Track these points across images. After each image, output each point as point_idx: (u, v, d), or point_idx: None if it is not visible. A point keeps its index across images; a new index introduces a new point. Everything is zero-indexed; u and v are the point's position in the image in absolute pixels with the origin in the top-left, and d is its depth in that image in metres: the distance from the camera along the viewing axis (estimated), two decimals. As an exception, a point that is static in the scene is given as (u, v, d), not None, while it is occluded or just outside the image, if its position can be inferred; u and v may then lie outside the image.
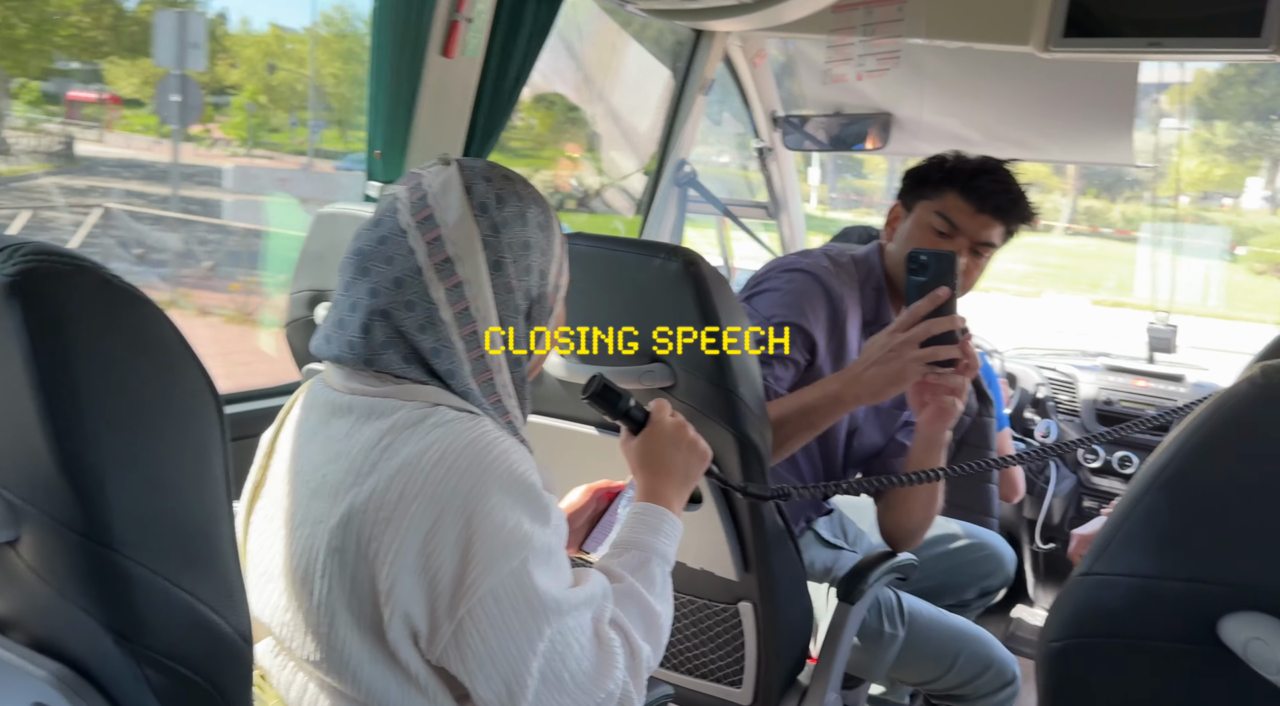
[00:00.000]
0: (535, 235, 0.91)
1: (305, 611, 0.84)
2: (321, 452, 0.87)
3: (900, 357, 1.35)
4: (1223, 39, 1.88)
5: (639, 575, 0.99)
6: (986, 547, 1.98)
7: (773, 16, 1.96)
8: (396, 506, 0.79)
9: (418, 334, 0.86)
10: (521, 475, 0.84)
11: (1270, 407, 0.62)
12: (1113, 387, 2.66)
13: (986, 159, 1.61)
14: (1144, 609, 0.66)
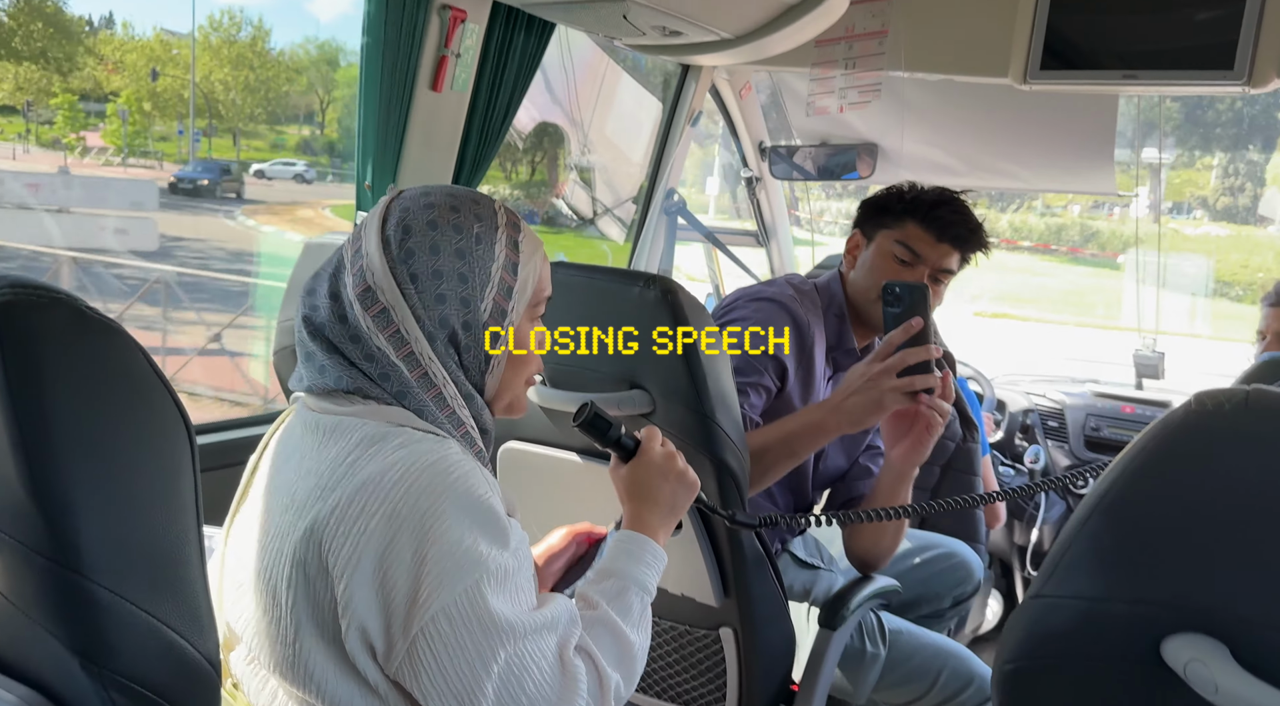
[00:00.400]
0: (449, 263, 0.91)
1: (273, 621, 0.86)
2: (295, 469, 0.89)
3: (878, 386, 1.39)
4: (1196, 71, 1.92)
5: (615, 603, 0.99)
6: (955, 556, 2.01)
7: (757, 51, 2.00)
8: (356, 521, 0.81)
9: (365, 362, 0.90)
10: (480, 497, 0.85)
11: (1205, 434, 0.64)
12: (1100, 414, 2.68)
13: (943, 190, 1.68)
14: (1091, 630, 0.67)
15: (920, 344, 1.39)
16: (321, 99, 10.35)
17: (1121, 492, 0.66)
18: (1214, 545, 0.63)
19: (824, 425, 1.44)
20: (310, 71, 10.11)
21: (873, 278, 1.67)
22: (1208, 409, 0.63)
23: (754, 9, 1.77)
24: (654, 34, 1.82)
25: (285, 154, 10.01)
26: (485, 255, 0.93)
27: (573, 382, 1.45)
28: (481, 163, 2.03)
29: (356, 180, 1.95)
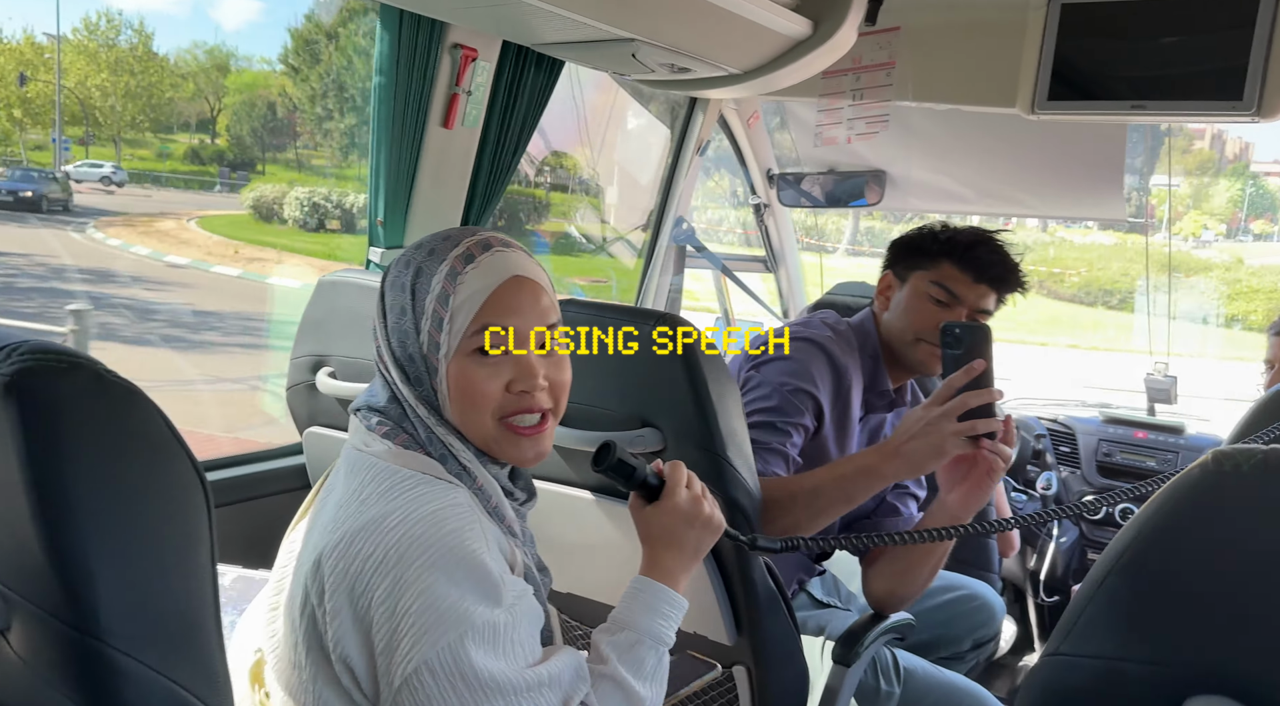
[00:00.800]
0: (398, 298, 0.96)
1: (289, 645, 0.90)
2: (322, 500, 0.95)
3: (939, 431, 1.34)
4: (1205, 102, 1.92)
5: (626, 658, 0.98)
6: (977, 598, 1.99)
7: (766, 85, 2.01)
8: (352, 561, 0.84)
9: (380, 391, 0.99)
10: (471, 552, 0.85)
11: (1222, 495, 0.63)
12: (1112, 439, 2.67)
13: (978, 230, 1.65)
14: (1109, 690, 0.67)
15: (982, 386, 1.35)
16: (212, 106, 10.21)
17: (1139, 552, 0.66)
18: (1233, 606, 0.63)
19: (881, 470, 1.39)
20: (199, 77, 9.92)
21: (907, 319, 1.65)
22: (1225, 470, 0.63)
23: (762, 46, 1.78)
24: (662, 71, 1.83)
25: (172, 163, 9.83)
26: (423, 288, 0.94)
27: (582, 420, 1.45)
28: (492, 197, 2.05)
29: (369, 216, 1.97)
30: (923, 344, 1.64)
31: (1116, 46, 1.97)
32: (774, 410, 1.56)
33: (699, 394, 1.33)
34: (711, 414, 1.33)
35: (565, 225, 7.04)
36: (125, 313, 7.32)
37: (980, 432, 1.34)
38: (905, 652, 1.72)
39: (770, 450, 1.53)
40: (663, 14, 1.52)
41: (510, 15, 1.54)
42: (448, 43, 1.79)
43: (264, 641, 0.96)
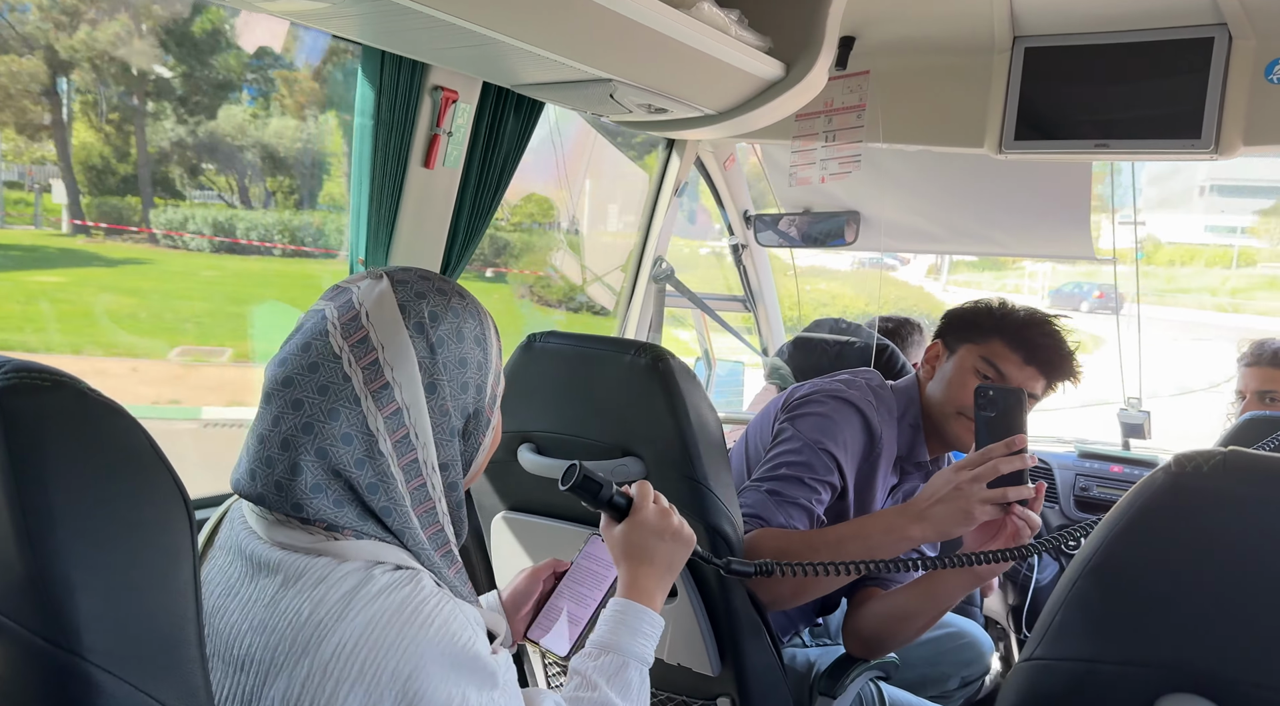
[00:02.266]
0: (471, 350, 0.88)
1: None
2: (244, 617, 0.81)
3: (968, 496, 1.31)
4: (1165, 141, 1.99)
5: (614, 682, 0.98)
6: (965, 636, 1.98)
7: (740, 126, 2.06)
8: (332, 694, 0.75)
9: (354, 469, 0.81)
10: (463, 644, 0.79)
11: (1185, 495, 0.65)
12: (1089, 474, 2.69)
13: (1036, 311, 1.62)
14: (1083, 692, 0.68)
15: (1016, 453, 1.31)
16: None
17: (1106, 555, 0.67)
18: (1199, 605, 0.64)
19: (906, 532, 1.36)
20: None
21: (950, 392, 1.62)
22: (1187, 471, 0.65)
23: (736, 87, 1.83)
24: (640, 112, 1.87)
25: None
26: (489, 341, 0.92)
27: (565, 450, 1.46)
28: (473, 237, 2.07)
29: (349, 255, 1.99)
30: (962, 418, 1.60)
31: (1079, 89, 2.04)
32: (803, 465, 1.54)
33: (679, 423, 1.35)
34: (692, 442, 1.35)
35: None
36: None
37: (1011, 500, 1.30)
38: (891, 687, 1.72)
39: (796, 504, 1.51)
40: (639, 55, 1.57)
41: (489, 56, 1.58)
42: (429, 84, 1.83)
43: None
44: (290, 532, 0.82)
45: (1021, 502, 1.32)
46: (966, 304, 1.69)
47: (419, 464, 0.84)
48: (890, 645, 1.56)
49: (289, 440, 0.81)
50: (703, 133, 2.21)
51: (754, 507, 1.50)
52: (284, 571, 0.80)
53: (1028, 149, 2.09)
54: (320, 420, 0.81)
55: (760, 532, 1.46)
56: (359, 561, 0.80)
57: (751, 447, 1.69)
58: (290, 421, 0.82)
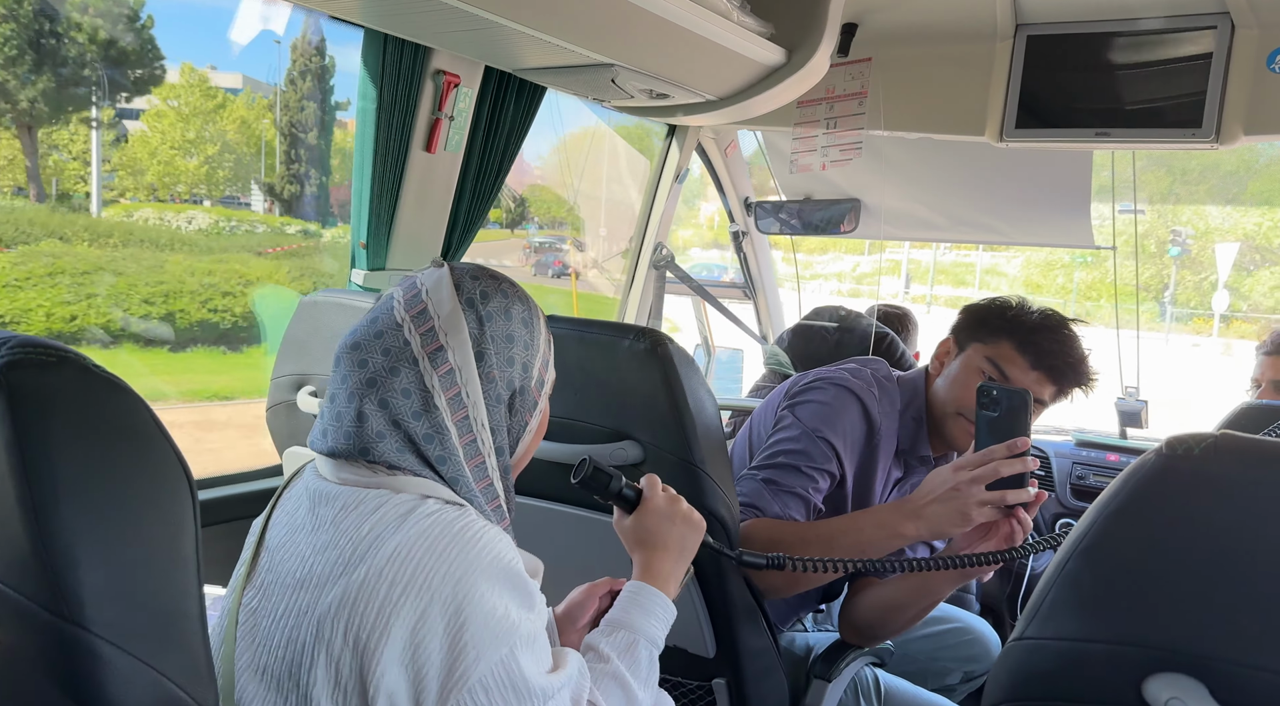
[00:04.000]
0: (519, 329, 0.97)
1: (291, 703, 0.84)
2: (308, 544, 0.88)
3: (965, 498, 1.28)
4: (1166, 130, 1.99)
5: (625, 658, 1.00)
6: (970, 632, 1.97)
7: (742, 112, 2.06)
8: (386, 596, 0.80)
9: (412, 421, 0.89)
10: (507, 563, 0.85)
11: (1176, 477, 0.66)
12: (1085, 462, 2.70)
13: (1051, 315, 1.56)
14: (1073, 671, 0.69)
15: (1017, 455, 1.28)
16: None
17: (1098, 535, 0.68)
18: (1189, 586, 0.65)
19: (900, 530, 1.34)
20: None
21: (954, 391, 1.58)
22: (1178, 453, 0.66)
23: (738, 73, 1.83)
24: (641, 97, 1.88)
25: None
26: (539, 328, 1.00)
27: (564, 435, 1.47)
28: (474, 221, 2.08)
29: (352, 237, 1.99)
30: (960, 419, 1.57)
31: (1081, 77, 2.04)
32: (801, 453, 1.52)
33: (678, 408, 1.35)
34: (690, 427, 1.35)
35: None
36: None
37: (1011, 503, 1.28)
38: (888, 674, 1.72)
39: (792, 494, 1.50)
40: (641, 40, 1.57)
41: (491, 39, 1.58)
42: (430, 68, 1.83)
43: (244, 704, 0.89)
44: (354, 470, 0.90)
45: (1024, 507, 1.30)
46: (984, 300, 1.64)
47: (470, 421, 0.92)
48: (883, 633, 1.56)
49: (354, 393, 0.91)
50: (704, 118, 2.21)
51: (750, 497, 1.50)
52: (344, 499, 0.88)
53: (1028, 137, 2.09)
54: (383, 376, 0.90)
55: (754, 523, 1.46)
56: (414, 494, 0.87)
57: (755, 436, 1.68)
58: (356, 377, 0.91)
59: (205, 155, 6.53)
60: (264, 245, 5.13)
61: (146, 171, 6.25)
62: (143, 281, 6.29)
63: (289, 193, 7.16)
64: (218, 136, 6.57)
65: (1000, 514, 1.29)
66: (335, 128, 7.90)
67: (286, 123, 6.82)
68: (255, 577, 0.93)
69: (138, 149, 6.14)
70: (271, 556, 0.92)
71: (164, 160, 6.21)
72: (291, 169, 7.21)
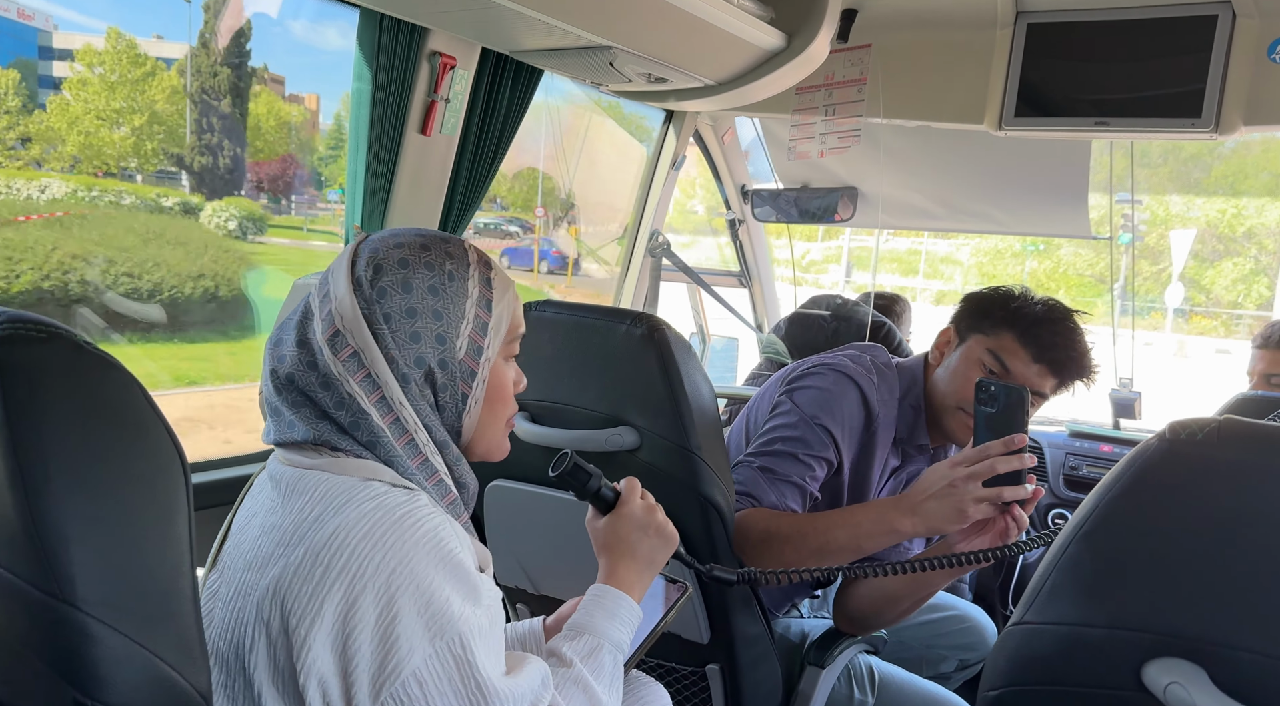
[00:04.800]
0: (423, 301, 0.90)
1: (238, 686, 0.83)
2: (260, 525, 0.87)
3: (961, 494, 1.28)
4: (1165, 119, 1.98)
5: (589, 662, 0.98)
6: (967, 620, 1.97)
7: (740, 97, 2.05)
8: (320, 580, 0.78)
9: (335, 410, 0.88)
10: (450, 551, 0.82)
11: (1179, 462, 0.66)
12: (1079, 453, 2.71)
13: (1055, 307, 1.54)
14: (1071, 656, 0.69)
15: (1015, 452, 1.28)
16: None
17: (1100, 520, 0.68)
18: (1189, 571, 0.65)
19: (897, 526, 1.33)
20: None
21: (954, 384, 1.56)
22: (1181, 438, 0.65)
23: (737, 57, 1.82)
24: (639, 80, 1.86)
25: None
26: (459, 291, 0.92)
27: (559, 419, 1.46)
28: (470, 205, 2.06)
29: (346, 222, 1.98)
30: (960, 413, 1.56)
31: (1081, 66, 2.03)
32: (798, 441, 1.51)
33: (674, 393, 1.35)
34: (686, 412, 1.35)
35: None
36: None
37: (1007, 499, 1.27)
38: (882, 661, 1.72)
39: (789, 482, 1.49)
40: (639, 22, 1.55)
41: (488, 20, 1.57)
42: (426, 50, 1.81)
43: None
44: (303, 453, 0.89)
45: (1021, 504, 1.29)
46: (986, 289, 1.61)
47: (388, 401, 0.89)
48: (876, 624, 1.56)
49: (279, 388, 0.90)
50: (702, 104, 2.20)
51: (746, 484, 1.49)
52: (291, 481, 0.87)
53: (1027, 126, 2.08)
54: (300, 369, 0.89)
55: (750, 512, 1.45)
56: (358, 476, 0.86)
57: (752, 422, 1.67)
58: (278, 371, 0.90)
59: (132, 126, 6.35)
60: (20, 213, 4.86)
61: (66, 141, 6.09)
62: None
63: (199, 165, 6.90)
64: (146, 106, 6.40)
65: (996, 510, 1.29)
66: (261, 97, 7.58)
67: (197, 88, 6.61)
68: (219, 561, 0.92)
69: (55, 118, 5.99)
70: (233, 539, 0.91)
71: (86, 130, 6.04)
72: (203, 139, 6.94)
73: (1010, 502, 1.28)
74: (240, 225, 6.60)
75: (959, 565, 1.24)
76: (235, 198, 6.89)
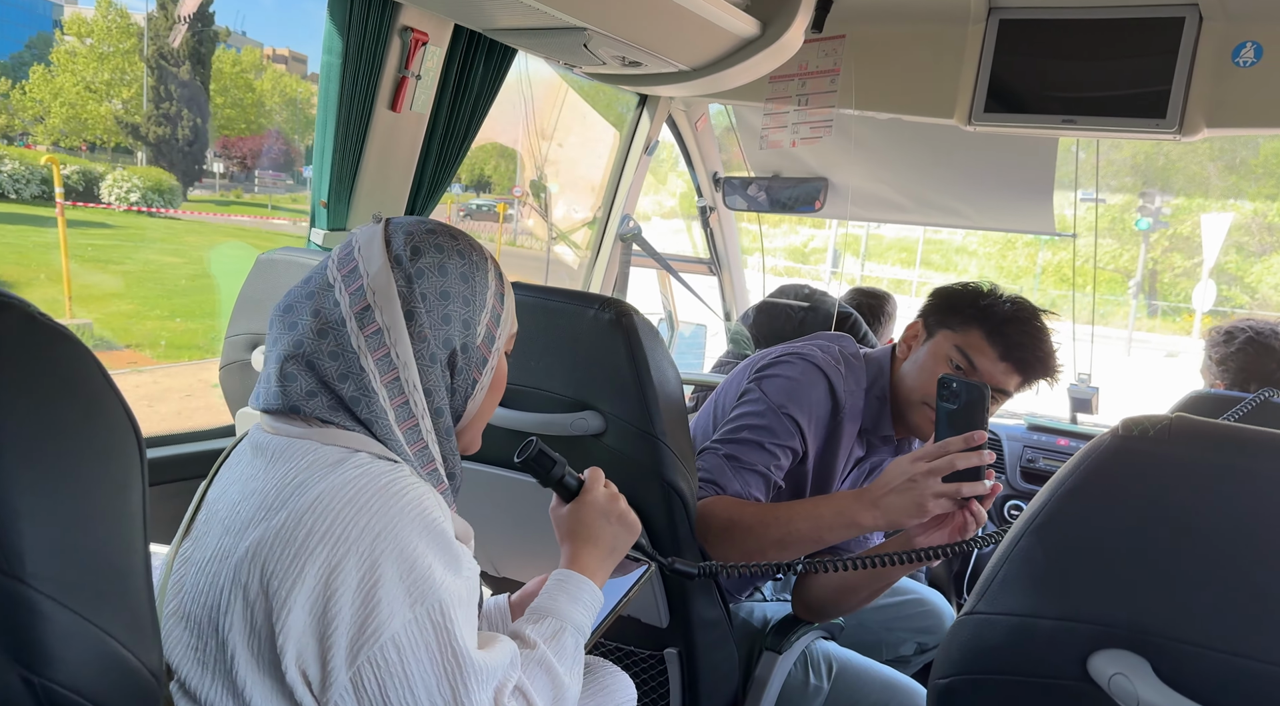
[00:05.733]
0: (455, 285, 0.93)
1: (209, 650, 0.83)
2: (240, 491, 0.87)
3: (921, 489, 1.29)
4: (1131, 119, 2.01)
5: (552, 644, 0.99)
6: (925, 603, 2.00)
7: (714, 84, 2.05)
8: (303, 543, 0.79)
9: (339, 382, 0.88)
10: (434, 520, 0.83)
11: (1130, 458, 0.67)
12: (1036, 446, 2.75)
13: (1022, 305, 1.56)
14: (1021, 646, 0.70)
15: (974, 449, 1.29)
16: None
17: (1052, 513, 0.69)
18: (1136, 565, 0.66)
19: (858, 520, 1.35)
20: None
21: (921, 379, 1.57)
22: (1133, 434, 0.67)
23: (711, 43, 1.81)
24: (614, 63, 1.85)
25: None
26: (482, 282, 0.96)
27: (525, 402, 1.46)
28: (440, 183, 2.04)
29: (312, 196, 1.95)
30: (925, 408, 1.58)
31: (1050, 63, 2.05)
32: (765, 429, 1.52)
33: (640, 378, 1.35)
34: (652, 398, 1.35)
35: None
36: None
37: (966, 496, 1.29)
38: (840, 647, 1.74)
39: (754, 471, 1.50)
40: (615, 4, 1.54)
41: (463, -2, 1.55)
42: (398, 25, 1.79)
43: (168, 652, 0.87)
44: (290, 423, 0.89)
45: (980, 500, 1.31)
46: (955, 284, 1.63)
47: (401, 382, 0.90)
48: (834, 613, 1.58)
49: (284, 355, 0.90)
50: (676, 89, 2.19)
51: (711, 472, 1.50)
52: (276, 448, 0.88)
53: (996, 122, 2.10)
54: (310, 338, 0.89)
55: (714, 500, 1.46)
56: (345, 446, 0.87)
57: (720, 409, 1.67)
58: (286, 340, 0.90)
59: (122, 98, 6.17)
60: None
61: (50, 114, 5.92)
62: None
63: (155, 136, 6.67)
64: (136, 78, 6.23)
65: (955, 505, 1.31)
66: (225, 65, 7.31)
67: (154, 54, 6.40)
68: (193, 530, 0.92)
69: (39, 90, 5.82)
70: (209, 508, 0.91)
71: (70, 102, 5.86)
72: (161, 108, 6.70)
73: (969, 498, 1.30)
74: (144, 197, 6.19)
75: (917, 560, 1.26)
76: (141, 167, 6.60)
